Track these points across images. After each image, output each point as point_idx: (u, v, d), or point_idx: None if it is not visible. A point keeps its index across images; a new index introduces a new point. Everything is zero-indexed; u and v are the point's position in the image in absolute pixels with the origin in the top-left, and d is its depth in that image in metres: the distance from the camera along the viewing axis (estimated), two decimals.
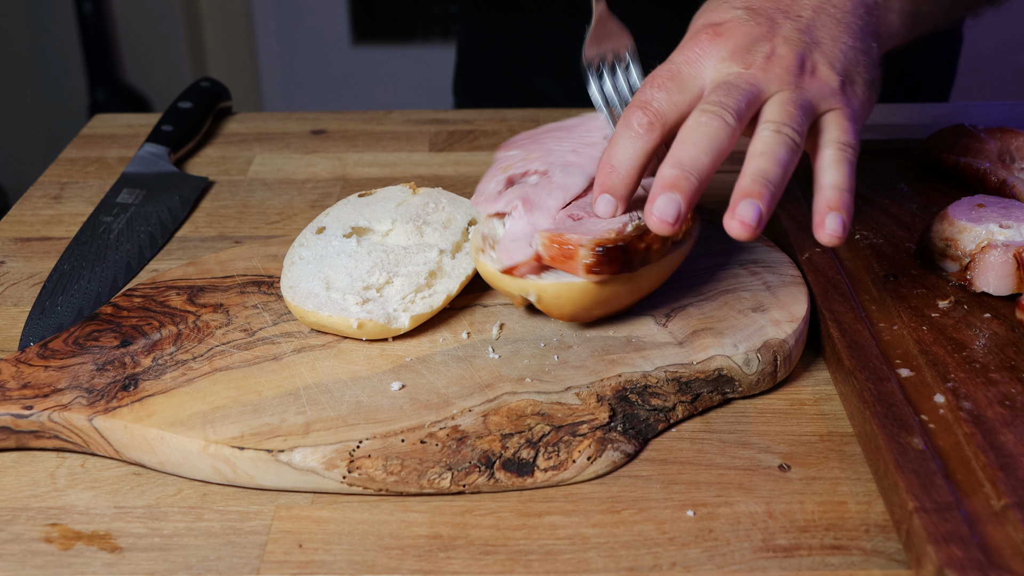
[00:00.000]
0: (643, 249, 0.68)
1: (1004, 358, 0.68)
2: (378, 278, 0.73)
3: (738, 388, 0.69)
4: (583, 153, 0.77)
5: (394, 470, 0.62)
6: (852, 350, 0.68)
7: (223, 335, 0.72)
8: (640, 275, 0.70)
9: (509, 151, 0.80)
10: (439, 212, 0.82)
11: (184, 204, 0.96)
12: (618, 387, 0.67)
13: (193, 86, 1.15)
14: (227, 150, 1.10)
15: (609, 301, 0.71)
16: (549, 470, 0.63)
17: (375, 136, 1.13)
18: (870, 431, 0.62)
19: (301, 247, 0.77)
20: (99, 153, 1.09)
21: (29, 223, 0.95)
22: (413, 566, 0.57)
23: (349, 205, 0.82)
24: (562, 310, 0.70)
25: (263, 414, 0.64)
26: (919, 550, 0.54)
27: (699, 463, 0.65)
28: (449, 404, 0.65)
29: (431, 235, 0.79)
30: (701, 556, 0.58)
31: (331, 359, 0.70)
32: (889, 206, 0.88)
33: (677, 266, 0.74)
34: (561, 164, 0.76)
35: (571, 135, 0.80)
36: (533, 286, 0.69)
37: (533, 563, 0.57)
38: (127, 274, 0.85)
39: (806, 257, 0.80)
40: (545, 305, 0.70)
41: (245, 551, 0.59)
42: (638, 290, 0.72)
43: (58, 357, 0.70)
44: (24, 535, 0.60)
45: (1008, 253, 0.73)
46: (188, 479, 0.64)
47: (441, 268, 0.76)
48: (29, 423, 0.65)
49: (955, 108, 1.19)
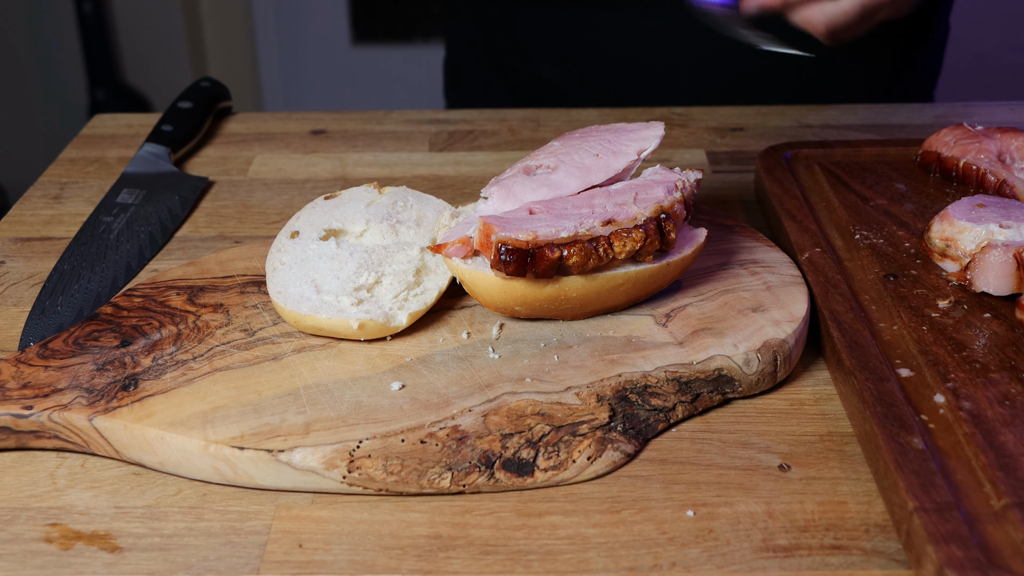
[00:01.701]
0: (555, 258, 0.68)
1: (1004, 358, 0.68)
2: (367, 278, 0.74)
3: (738, 388, 0.69)
4: (603, 159, 0.77)
5: (394, 470, 0.62)
6: (852, 350, 0.68)
7: (223, 335, 0.72)
8: (566, 286, 0.70)
9: (558, 141, 0.81)
10: (409, 210, 0.82)
11: (184, 204, 0.96)
12: (618, 387, 0.67)
13: (193, 86, 1.15)
14: (227, 150, 1.10)
15: (529, 303, 0.70)
16: (549, 470, 0.63)
17: (375, 136, 1.13)
18: (870, 431, 0.62)
19: (280, 252, 0.77)
20: (99, 153, 1.09)
21: (29, 223, 0.95)
22: (413, 566, 0.57)
23: (318, 208, 0.82)
24: (481, 299, 0.72)
25: (263, 414, 0.64)
26: (919, 550, 0.54)
27: (699, 463, 0.65)
28: (449, 404, 0.65)
29: (406, 233, 0.80)
30: (701, 556, 0.58)
31: (331, 359, 0.70)
32: (889, 206, 0.88)
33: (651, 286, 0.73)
34: (574, 164, 0.76)
35: (614, 139, 0.79)
36: (456, 268, 0.71)
37: (533, 563, 0.57)
38: (127, 274, 0.85)
39: (806, 257, 0.80)
40: (468, 290, 0.72)
41: (245, 551, 0.59)
42: (567, 300, 0.71)
43: (58, 357, 0.70)
44: (24, 535, 0.60)
45: (1008, 253, 0.73)
46: (188, 479, 0.64)
47: (426, 265, 0.76)
48: (29, 423, 0.65)
49: (955, 108, 1.19)
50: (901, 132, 1.10)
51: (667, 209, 0.72)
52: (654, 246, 0.71)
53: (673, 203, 0.73)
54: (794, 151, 0.97)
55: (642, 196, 0.73)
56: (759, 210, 0.95)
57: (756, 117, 1.16)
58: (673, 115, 1.17)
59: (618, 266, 0.71)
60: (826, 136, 1.10)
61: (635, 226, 0.70)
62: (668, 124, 1.14)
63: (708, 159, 1.06)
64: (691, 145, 1.09)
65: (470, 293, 0.72)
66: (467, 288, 0.72)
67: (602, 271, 0.70)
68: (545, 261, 0.68)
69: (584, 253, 0.68)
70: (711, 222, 0.84)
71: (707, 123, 1.15)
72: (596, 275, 0.70)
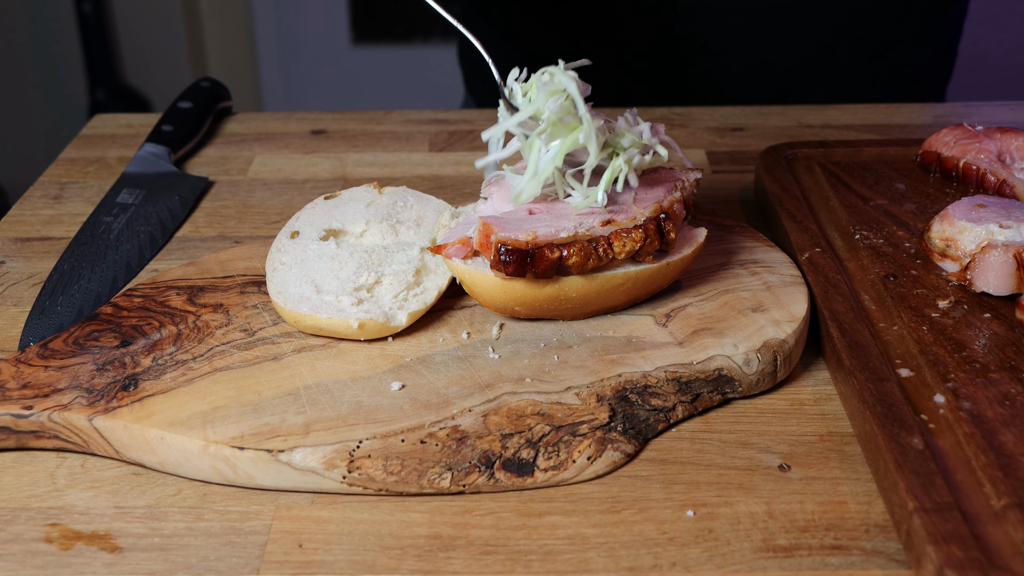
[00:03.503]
0: (554, 258, 0.68)
1: (1004, 358, 0.68)
2: (366, 278, 0.74)
3: (738, 388, 0.69)
4: None
5: (394, 470, 0.62)
6: (852, 350, 0.68)
7: (223, 335, 0.72)
8: (566, 286, 0.70)
9: None
10: (409, 210, 0.82)
11: (184, 204, 0.96)
12: (618, 387, 0.67)
13: (193, 86, 1.15)
14: (227, 150, 1.10)
15: (529, 303, 0.70)
16: (549, 470, 0.63)
17: (375, 136, 1.13)
18: (870, 431, 0.62)
19: (280, 252, 0.77)
20: (99, 153, 1.09)
21: (29, 223, 0.95)
22: (413, 566, 0.57)
23: (318, 208, 0.83)
24: (481, 299, 0.71)
25: (263, 414, 0.64)
26: (919, 550, 0.54)
27: (699, 463, 0.65)
28: (449, 404, 0.65)
29: (406, 233, 0.80)
30: (701, 556, 0.58)
31: (331, 359, 0.70)
32: (889, 206, 0.88)
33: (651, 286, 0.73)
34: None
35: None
36: (456, 268, 0.71)
37: (533, 563, 0.57)
38: (127, 274, 0.85)
39: (806, 257, 0.80)
40: (468, 290, 0.72)
41: (245, 551, 0.58)
42: (567, 300, 0.71)
43: (58, 357, 0.70)
44: (24, 535, 0.60)
45: (1008, 253, 0.73)
46: (188, 479, 0.64)
47: (425, 265, 0.76)
48: (29, 423, 0.65)
49: (955, 108, 1.19)
50: (901, 132, 1.10)
51: (667, 209, 0.72)
52: (654, 246, 0.71)
53: (673, 203, 0.73)
54: (794, 151, 0.97)
55: (642, 196, 0.73)
56: (759, 210, 0.95)
57: (756, 117, 1.16)
58: (673, 115, 1.17)
59: (618, 266, 0.71)
60: (826, 136, 1.10)
61: (635, 226, 0.70)
62: (668, 124, 1.14)
63: (708, 159, 1.06)
64: (691, 145, 1.09)
65: (470, 293, 0.72)
66: (467, 288, 0.71)
67: (602, 271, 0.70)
68: (545, 261, 0.68)
69: (584, 253, 0.68)
70: (711, 222, 0.84)
71: (707, 123, 1.15)
72: (596, 275, 0.70)
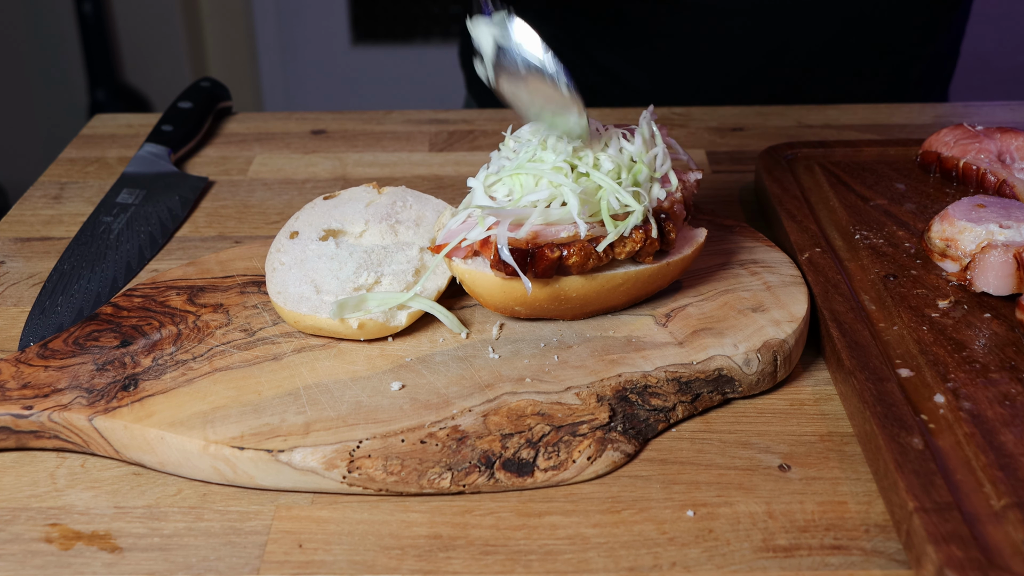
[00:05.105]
0: (554, 258, 0.68)
1: (1004, 358, 0.68)
2: (366, 278, 0.74)
3: (738, 388, 0.69)
4: None
5: (394, 470, 0.62)
6: (852, 350, 0.68)
7: (223, 335, 0.72)
8: (566, 286, 0.70)
9: None
10: (408, 210, 0.82)
11: (184, 204, 0.96)
12: (618, 387, 0.67)
13: (193, 86, 1.15)
14: (227, 150, 1.10)
15: (529, 303, 0.70)
16: (549, 470, 0.63)
17: (375, 136, 1.13)
18: (870, 431, 0.62)
19: (279, 252, 0.77)
20: (99, 153, 1.09)
21: (29, 223, 0.95)
22: (413, 566, 0.57)
23: (317, 208, 0.83)
24: (481, 299, 0.71)
25: (263, 414, 0.64)
26: (919, 550, 0.54)
27: (699, 463, 0.65)
28: (449, 404, 0.65)
29: (405, 233, 0.80)
30: (701, 556, 0.58)
31: (331, 359, 0.70)
32: (889, 206, 0.88)
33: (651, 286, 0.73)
34: None
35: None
36: (456, 268, 0.71)
37: (533, 563, 0.57)
38: (127, 274, 0.85)
39: (806, 257, 0.80)
40: (468, 290, 0.72)
41: (245, 551, 0.58)
42: (567, 300, 0.71)
43: (58, 357, 0.70)
44: (24, 535, 0.60)
45: (1008, 253, 0.73)
46: (188, 479, 0.64)
47: (425, 265, 0.76)
48: (29, 423, 0.65)
49: (955, 108, 1.19)
50: (901, 132, 1.10)
51: (667, 209, 0.72)
52: (654, 246, 0.71)
53: (673, 203, 0.73)
54: (794, 151, 0.97)
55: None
56: (759, 210, 0.95)
57: (756, 117, 1.16)
58: (673, 115, 1.17)
59: (618, 266, 0.71)
60: (826, 136, 1.10)
61: (635, 226, 0.70)
62: (668, 124, 1.14)
63: (708, 159, 1.06)
64: (691, 145, 1.09)
65: (470, 293, 0.72)
66: (467, 288, 0.71)
67: (602, 271, 0.70)
68: (545, 261, 0.68)
69: (584, 253, 0.68)
70: (711, 222, 0.84)
71: (707, 123, 1.15)
72: (596, 275, 0.70)
